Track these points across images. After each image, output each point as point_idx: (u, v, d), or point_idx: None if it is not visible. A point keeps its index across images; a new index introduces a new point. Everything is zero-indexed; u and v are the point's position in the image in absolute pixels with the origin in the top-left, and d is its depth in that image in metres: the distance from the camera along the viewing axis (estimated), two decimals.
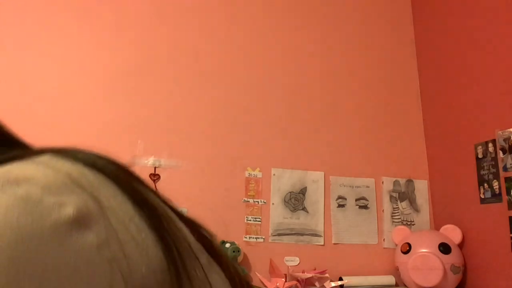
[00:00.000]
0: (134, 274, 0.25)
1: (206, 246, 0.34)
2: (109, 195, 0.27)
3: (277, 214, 1.96)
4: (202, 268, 0.31)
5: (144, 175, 1.83)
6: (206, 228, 0.36)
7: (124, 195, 0.28)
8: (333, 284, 1.84)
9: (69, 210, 0.24)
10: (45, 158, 0.28)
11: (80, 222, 0.24)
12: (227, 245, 1.79)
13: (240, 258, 1.79)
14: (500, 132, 1.69)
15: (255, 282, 1.84)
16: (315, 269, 1.88)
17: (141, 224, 0.27)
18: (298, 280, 1.82)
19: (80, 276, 0.23)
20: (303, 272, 1.86)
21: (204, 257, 0.33)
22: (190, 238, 0.32)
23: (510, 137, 1.65)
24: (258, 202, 1.95)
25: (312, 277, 1.84)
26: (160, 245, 0.27)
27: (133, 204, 0.28)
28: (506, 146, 1.66)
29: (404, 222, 2.07)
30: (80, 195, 0.25)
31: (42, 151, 0.29)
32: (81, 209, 0.24)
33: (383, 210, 2.08)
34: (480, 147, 1.80)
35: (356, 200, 2.06)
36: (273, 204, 1.97)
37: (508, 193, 1.64)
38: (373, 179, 2.10)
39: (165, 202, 0.33)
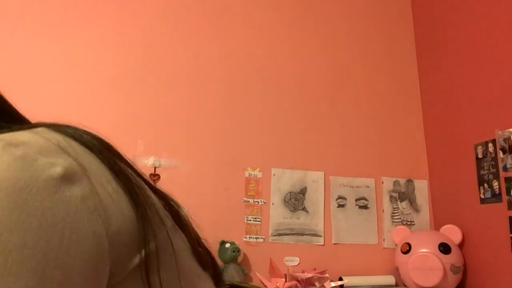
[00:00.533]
0: (111, 223, 0.31)
1: (173, 214, 0.41)
2: (90, 162, 0.33)
3: (277, 214, 1.96)
4: (166, 229, 0.37)
5: None
6: (175, 200, 0.43)
7: (103, 164, 0.34)
8: (333, 284, 1.84)
9: (58, 169, 0.30)
10: (39, 129, 0.34)
11: (67, 178, 0.30)
12: (227, 245, 1.79)
13: (240, 258, 1.79)
14: (500, 132, 1.69)
15: (255, 282, 1.84)
16: (315, 269, 1.88)
17: (116, 187, 0.34)
18: (298, 280, 1.82)
19: (70, 219, 0.29)
20: (303, 272, 1.86)
21: (169, 222, 0.39)
22: (159, 205, 0.39)
23: (510, 137, 1.65)
24: (258, 202, 1.95)
25: (312, 277, 1.84)
26: (131, 205, 0.34)
27: (110, 172, 0.34)
28: (506, 146, 1.66)
29: (404, 222, 2.07)
30: (67, 159, 0.31)
31: (37, 124, 0.36)
32: (67, 169, 0.30)
33: (383, 210, 2.08)
34: (480, 147, 1.80)
35: (356, 200, 2.06)
36: (273, 204, 1.97)
37: (508, 193, 1.64)
38: (373, 179, 2.10)
39: (140, 175, 0.39)
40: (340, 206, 2.04)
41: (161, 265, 0.35)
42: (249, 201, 1.95)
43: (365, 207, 2.06)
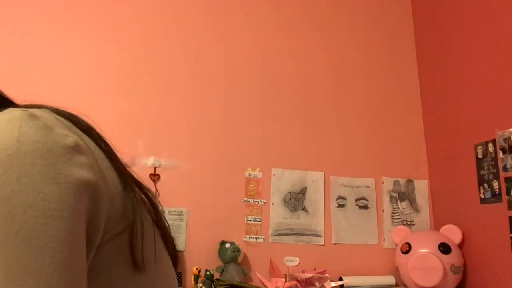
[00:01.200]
0: (109, 189, 0.39)
1: (147, 199, 0.48)
2: (89, 142, 0.40)
3: (277, 214, 1.96)
4: (147, 206, 0.47)
5: (144, 175, 1.83)
6: (149, 188, 0.50)
7: (97, 146, 0.42)
8: (333, 284, 1.84)
9: (71, 139, 0.37)
10: (45, 109, 0.40)
11: (77, 149, 0.37)
12: (227, 245, 1.79)
13: (240, 258, 1.79)
14: (500, 132, 1.69)
15: (255, 282, 1.84)
16: (315, 269, 1.88)
17: (109, 165, 0.41)
18: (298, 280, 1.82)
19: (83, 180, 0.36)
20: (303, 272, 1.86)
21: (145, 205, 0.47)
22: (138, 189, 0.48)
23: (510, 137, 1.65)
24: (258, 202, 1.95)
25: (312, 277, 1.84)
26: (121, 182, 0.42)
27: (104, 154, 0.42)
28: (506, 146, 1.66)
29: (404, 222, 2.07)
30: (73, 134, 0.38)
31: (41, 106, 0.42)
32: (76, 141, 0.37)
33: (383, 210, 2.08)
34: (480, 147, 1.80)
35: (356, 200, 2.06)
36: (273, 204, 1.97)
37: (508, 193, 1.64)
38: (373, 179, 2.10)
39: (122, 164, 0.46)
40: (340, 206, 2.04)
41: (144, 230, 0.42)
42: (249, 201, 1.95)
43: (365, 207, 2.06)
